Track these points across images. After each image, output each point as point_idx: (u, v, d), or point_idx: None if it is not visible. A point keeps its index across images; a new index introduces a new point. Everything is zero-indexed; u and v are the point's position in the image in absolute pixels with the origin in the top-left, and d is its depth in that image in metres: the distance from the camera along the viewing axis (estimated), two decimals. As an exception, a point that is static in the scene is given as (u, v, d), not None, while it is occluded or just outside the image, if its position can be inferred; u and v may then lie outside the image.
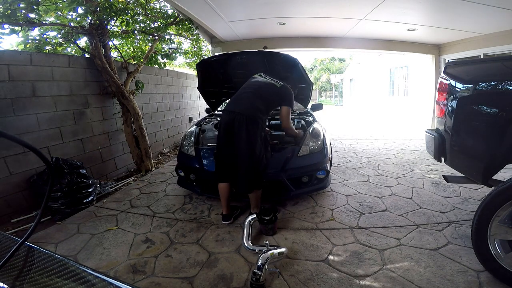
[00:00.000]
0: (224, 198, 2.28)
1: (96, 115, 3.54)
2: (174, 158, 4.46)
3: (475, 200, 2.61)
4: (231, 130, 2.13)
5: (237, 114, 2.12)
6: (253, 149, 2.09)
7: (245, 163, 2.12)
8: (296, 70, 2.91)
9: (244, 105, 2.18)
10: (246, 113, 2.11)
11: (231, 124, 2.12)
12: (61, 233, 2.20)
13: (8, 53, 2.57)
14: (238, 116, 2.11)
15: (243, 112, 2.12)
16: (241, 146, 2.10)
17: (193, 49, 6.37)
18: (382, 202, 2.67)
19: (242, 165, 2.13)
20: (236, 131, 2.10)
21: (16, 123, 2.54)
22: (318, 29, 5.71)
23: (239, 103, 2.23)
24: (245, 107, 2.16)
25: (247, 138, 2.08)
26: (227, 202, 2.29)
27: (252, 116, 2.11)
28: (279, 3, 4.08)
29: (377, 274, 1.63)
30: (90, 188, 2.81)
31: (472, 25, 4.91)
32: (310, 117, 3.39)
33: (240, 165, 2.14)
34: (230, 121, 2.13)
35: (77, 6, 3.07)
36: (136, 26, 4.03)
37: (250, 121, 2.09)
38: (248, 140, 2.08)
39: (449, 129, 1.86)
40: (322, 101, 29.07)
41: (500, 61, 1.88)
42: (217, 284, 1.60)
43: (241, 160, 2.13)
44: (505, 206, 1.43)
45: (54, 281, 0.50)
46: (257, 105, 2.19)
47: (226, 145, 2.19)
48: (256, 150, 2.09)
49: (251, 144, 2.08)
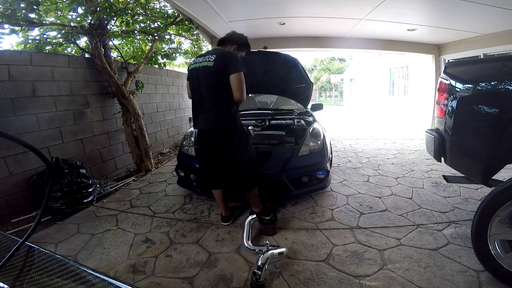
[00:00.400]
0: (220, 201, 2.28)
1: (96, 115, 3.54)
2: (174, 158, 4.46)
3: (475, 200, 2.61)
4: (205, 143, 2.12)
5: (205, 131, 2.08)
6: (233, 156, 2.04)
7: (230, 171, 2.12)
8: (296, 70, 2.92)
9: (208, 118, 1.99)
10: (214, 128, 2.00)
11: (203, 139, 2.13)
12: (61, 233, 2.20)
13: (8, 53, 2.57)
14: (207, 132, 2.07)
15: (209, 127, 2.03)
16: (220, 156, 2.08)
17: (193, 49, 6.37)
18: (382, 202, 2.67)
19: (232, 172, 2.13)
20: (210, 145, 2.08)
21: (16, 123, 2.54)
22: (318, 29, 5.71)
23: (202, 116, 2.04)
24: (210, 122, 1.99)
25: (222, 148, 2.04)
26: (224, 204, 2.29)
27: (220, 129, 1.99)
28: (279, 3, 4.09)
29: (377, 274, 1.63)
30: (90, 188, 2.81)
31: (472, 25, 4.91)
32: (310, 117, 3.39)
33: (230, 173, 2.14)
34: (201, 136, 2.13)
35: (77, 6, 3.07)
36: (136, 26, 4.03)
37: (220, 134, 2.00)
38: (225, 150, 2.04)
39: (449, 129, 1.86)
40: (322, 101, 29.09)
41: (500, 61, 1.88)
42: (217, 284, 1.60)
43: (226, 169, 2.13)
44: (505, 206, 1.43)
45: (54, 281, 0.50)
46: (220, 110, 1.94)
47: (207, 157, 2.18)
48: (236, 156, 2.04)
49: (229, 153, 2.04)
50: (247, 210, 2.51)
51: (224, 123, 1.97)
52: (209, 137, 2.07)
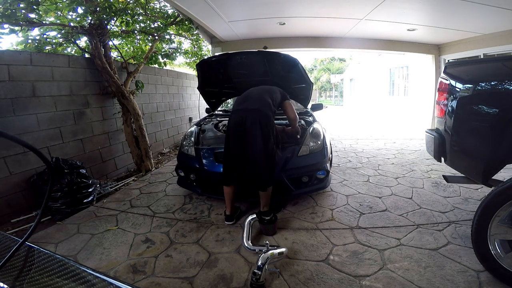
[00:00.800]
0: (229, 199, 2.28)
1: (96, 115, 3.54)
2: (174, 158, 4.46)
3: (475, 200, 2.61)
4: (242, 128, 2.12)
5: (249, 112, 2.14)
6: (267, 145, 2.09)
7: (260, 160, 2.11)
8: (296, 70, 2.91)
9: (256, 102, 2.21)
10: (259, 109, 2.14)
11: (242, 123, 2.12)
12: (61, 233, 2.20)
13: (8, 53, 2.57)
14: (251, 113, 2.13)
15: (257, 108, 2.15)
16: (255, 142, 2.09)
17: (193, 49, 6.37)
18: (382, 202, 2.67)
19: (257, 162, 2.13)
20: (249, 128, 2.10)
21: (16, 123, 2.54)
22: (318, 29, 5.71)
23: (250, 101, 2.26)
24: (257, 104, 2.19)
25: (262, 134, 2.08)
26: (231, 202, 2.29)
27: (265, 111, 2.14)
28: (279, 3, 4.09)
29: (377, 274, 1.63)
30: (90, 188, 2.81)
31: (472, 25, 4.91)
32: (310, 117, 3.38)
33: (255, 162, 2.13)
34: (242, 119, 2.12)
35: (77, 6, 3.07)
36: (136, 26, 4.03)
37: (263, 117, 2.11)
38: (263, 136, 2.09)
39: (449, 129, 1.86)
40: (322, 101, 29.08)
41: (500, 61, 1.88)
42: (217, 284, 1.60)
43: (256, 157, 2.12)
44: (505, 206, 1.43)
45: (54, 281, 0.50)
46: (268, 101, 2.24)
47: (236, 145, 2.18)
48: (269, 146, 2.11)
49: (265, 140, 2.09)
50: (247, 210, 2.51)
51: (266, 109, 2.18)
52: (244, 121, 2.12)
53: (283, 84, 3.23)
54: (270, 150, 2.11)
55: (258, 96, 2.28)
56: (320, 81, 31.83)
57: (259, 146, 2.08)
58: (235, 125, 2.16)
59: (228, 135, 2.23)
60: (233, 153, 2.21)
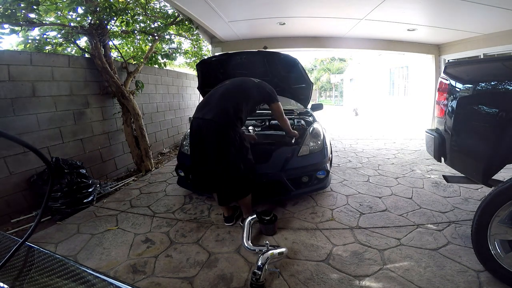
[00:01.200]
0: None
1: (96, 115, 3.54)
2: (174, 158, 4.46)
3: (475, 200, 2.61)
4: (199, 139, 1.98)
5: (204, 122, 1.94)
6: (226, 157, 1.93)
7: (222, 173, 1.98)
8: (296, 70, 2.92)
9: (212, 110, 1.96)
10: (214, 120, 1.92)
11: (198, 133, 1.96)
12: (61, 233, 2.20)
13: (8, 53, 2.57)
14: (205, 124, 1.93)
15: (210, 119, 1.92)
16: (213, 155, 1.95)
17: (193, 49, 6.37)
18: (382, 202, 2.67)
19: (220, 174, 1.99)
20: (206, 140, 1.94)
21: (16, 123, 2.54)
22: (318, 29, 5.71)
23: (207, 108, 2.01)
24: (213, 112, 1.94)
25: (218, 147, 1.92)
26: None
27: (223, 124, 1.92)
28: (279, 3, 4.09)
29: (377, 274, 1.63)
30: (90, 188, 2.81)
31: (472, 25, 4.91)
32: (310, 117, 3.39)
33: (218, 174, 2.00)
34: (198, 130, 1.96)
35: (77, 6, 3.07)
36: (136, 26, 4.03)
37: (221, 129, 1.91)
38: (219, 148, 1.92)
39: (449, 129, 1.86)
40: (322, 101, 29.05)
41: (500, 61, 1.88)
42: (217, 284, 1.60)
43: (217, 170, 1.98)
44: (505, 206, 1.43)
45: (54, 281, 0.50)
46: (230, 109, 1.96)
47: (197, 156, 2.05)
48: (230, 160, 1.94)
49: (223, 153, 1.92)
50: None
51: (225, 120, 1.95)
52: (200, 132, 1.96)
53: (283, 84, 3.23)
54: (231, 162, 1.94)
55: (217, 102, 2.02)
56: (320, 81, 31.81)
57: (217, 159, 1.94)
58: (192, 136, 2.04)
59: (191, 143, 2.11)
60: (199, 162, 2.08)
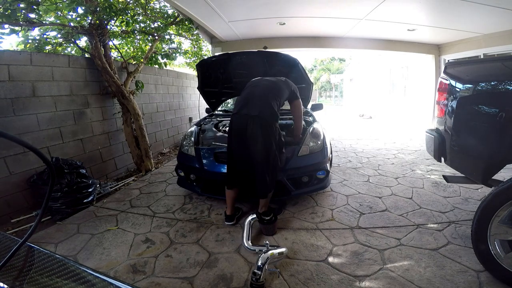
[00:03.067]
0: (231, 200, 2.27)
1: (96, 115, 3.54)
2: (174, 158, 4.46)
3: (475, 200, 2.61)
4: (243, 134, 2.06)
5: (251, 118, 2.04)
6: (269, 152, 2.04)
7: (261, 168, 2.07)
8: (296, 70, 2.92)
9: (258, 107, 2.09)
10: (261, 116, 2.04)
11: (243, 129, 2.05)
12: (61, 233, 2.20)
13: (8, 53, 2.57)
14: (252, 120, 2.03)
15: (258, 115, 2.04)
16: (256, 150, 2.05)
17: (193, 49, 6.37)
18: (382, 202, 2.67)
19: (258, 170, 2.08)
20: (250, 136, 2.03)
21: (16, 123, 2.54)
22: (318, 29, 5.71)
23: (251, 105, 2.12)
24: (259, 109, 2.07)
25: (263, 142, 2.02)
26: (233, 204, 2.29)
27: (267, 119, 2.05)
28: (279, 3, 4.09)
29: (377, 274, 1.63)
30: (90, 188, 2.81)
31: (472, 25, 4.91)
32: (310, 117, 3.39)
33: (256, 170, 2.09)
34: (243, 126, 2.06)
35: (77, 6, 3.06)
36: (136, 26, 4.03)
37: (265, 124, 2.04)
38: (264, 144, 2.02)
39: (449, 129, 1.86)
40: (322, 101, 29.03)
41: (500, 61, 1.88)
42: (217, 284, 1.60)
43: (259, 164, 2.07)
44: (505, 206, 1.43)
45: (54, 281, 0.50)
46: (272, 106, 2.11)
47: (238, 150, 2.14)
48: (271, 154, 2.05)
49: (267, 149, 2.03)
50: (248, 211, 2.51)
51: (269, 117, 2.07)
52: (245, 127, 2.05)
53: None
54: (272, 157, 2.06)
55: (261, 99, 2.15)
56: (320, 81, 31.81)
57: (261, 154, 2.04)
58: (236, 130, 2.12)
59: (230, 139, 2.19)
60: (236, 158, 2.18)
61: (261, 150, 2.04)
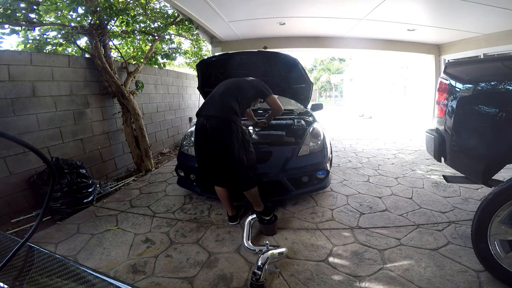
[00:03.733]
0: (225, 200, 2.27)
1: (96, 115, 3.54)
2: (174, 158, 4.46)
3: (475, 200, 2.61)
4: (204, 136, 2.07)
5: (209, 118, 2.04)
6: (232, 151, 2.01)
7: (227, 168, 2.08)
8: (296, 70, 2.92)
9: (216, 107, 2.09)
10: (218, 116, 2.04)
11: (204, 129, 2.05)
12: (61, 233, 2.21)
13: (8, 53, 2.57)
14: (210, 120, 2.03)
15: (215, 115, 2.04)
16: (219, 149, 2.05)
17: (193, 49, 6.37)
18: (382, 202, 2.67)
19: (224, 169, 2.10)
20: (211, 135, 2.03)
21: (16, 123, 2.54)
22: (318, 29, 5.71)
23: (210, 106, 2.14)
24: (216, 110, 2.07)
25: (223, 142, 2.01)
26: (229, 203, 2.28)
27: (224, 118, 2.03)
28: (279, 3, 4.09)
29: (377, 274, 1.64)
30: (90, 188, 2.81)
31: (472, 25, 4.91)
32: (310, 117, 3.39)
33: (225, 168, 2.10)
34: (202, 127, 2.06)
35: (77, 6, 3.06)
36: (136, 26, 4.02)
37: (223, 123, 2.02)
38: (224, 143, 2.01)
39: (449, 129, 1.86)
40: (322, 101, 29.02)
41: (500, 61, 1.88)
42: (217, 284, 1.60)
43: (222, 165, 2.08)
44: (505, 206, 1.43)
45: (54, 281, 0.50)
46: (230, 105, 2.10)
47: (204, 150, 2.14)
48: (234, 153, 2.02)
49: (228, 147, 2.01)
50: (249, 209, 2.51)
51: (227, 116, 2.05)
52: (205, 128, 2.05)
53: (283, 84, 3.24)
54: (236, 156, 2.03)
55: (219, 98, 2.15)
56: (320, 81, 31.81)
57: (223, 152, 2.03)
58: (199, 131, 2.12)
59: (196, 139, 2.18)
60: (205, 158, 2.18)
61: (223, 148, 2.03)
